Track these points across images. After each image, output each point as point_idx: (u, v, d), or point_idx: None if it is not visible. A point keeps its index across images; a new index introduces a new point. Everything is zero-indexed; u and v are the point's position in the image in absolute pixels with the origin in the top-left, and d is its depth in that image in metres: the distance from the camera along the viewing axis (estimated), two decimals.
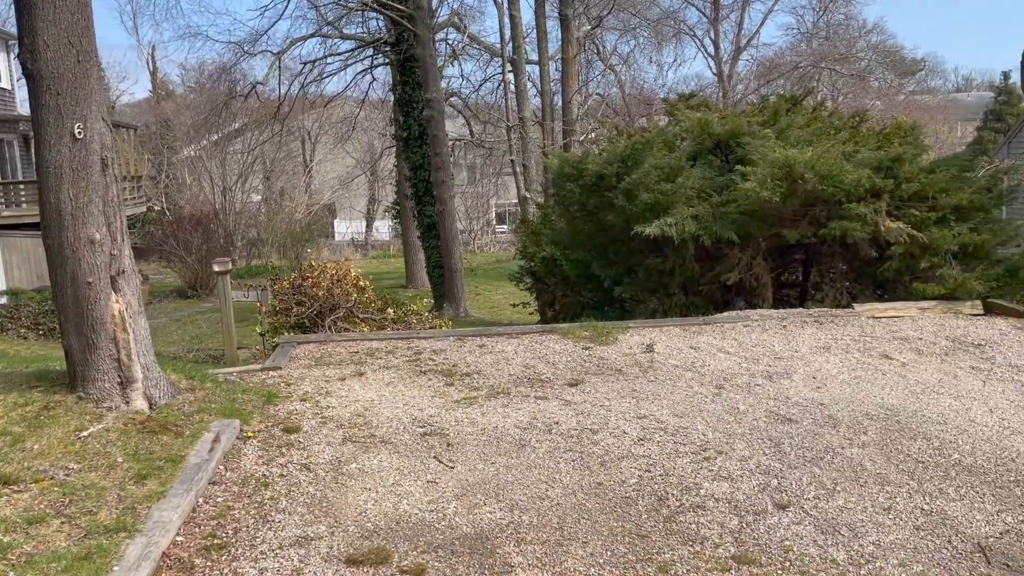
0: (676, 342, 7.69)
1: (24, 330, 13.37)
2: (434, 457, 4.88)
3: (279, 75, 23.76)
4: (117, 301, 5.04)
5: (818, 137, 10.06)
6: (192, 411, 5.21)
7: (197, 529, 3.95)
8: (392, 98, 23.05)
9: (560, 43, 22.58)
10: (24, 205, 25.53)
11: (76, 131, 4.79)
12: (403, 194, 25.22)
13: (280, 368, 6.93)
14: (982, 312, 8.50)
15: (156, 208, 38.93)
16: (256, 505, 4.22)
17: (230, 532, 3.92)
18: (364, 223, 49.96)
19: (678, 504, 4.21)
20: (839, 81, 39.65)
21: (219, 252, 30.13)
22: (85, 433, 4.66)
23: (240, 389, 6.02)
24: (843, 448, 4.93)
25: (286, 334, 8.33)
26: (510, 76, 21.36)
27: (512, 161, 20.97)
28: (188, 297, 26.57)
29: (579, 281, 11.69)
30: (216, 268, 8.18)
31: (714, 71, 40.05)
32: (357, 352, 7.52)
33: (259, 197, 42.86)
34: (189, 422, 5.05)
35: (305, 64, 22.39)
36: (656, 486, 4.43)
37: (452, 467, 4.72)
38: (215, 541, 3.82)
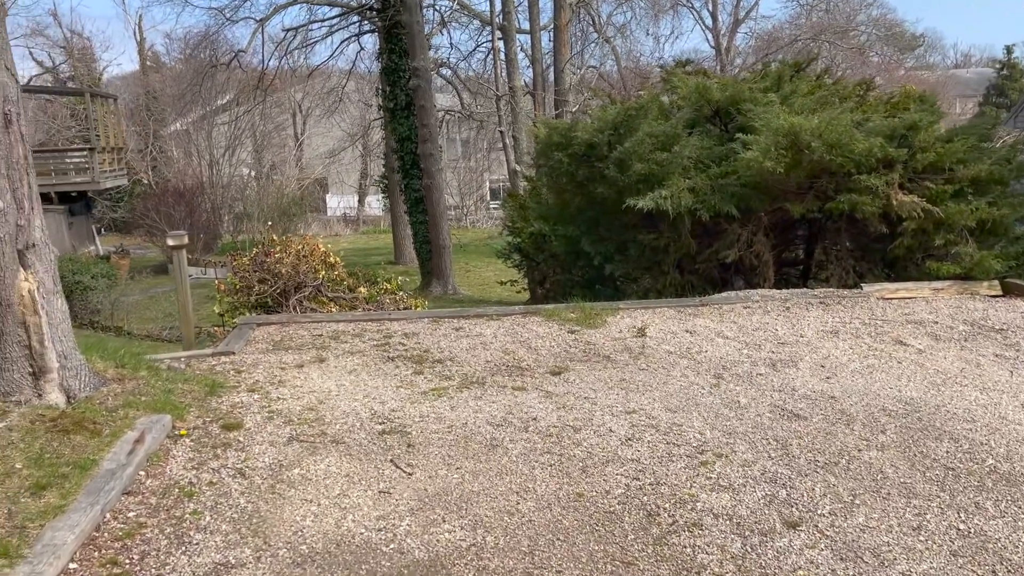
0: (670, 325, 7.05)
1: None
2: (391, 460, 4.25)
3: (262, 43, 22.92)
4: (26, 279, 4.36)
5: (822, 106, 9.37)
6: (117, 405, 4.56)
7: (97, 553, 3.31)
8: (379, 67, 22.20)
9: (553, 11, 21.74)
10: None
11: None
12: (390, 168, 24.44)
13: (233, 353, 6.27)
14: (1000, 293, 7.88)
15: (144, 181, 38.03)
16: (174, 522, 3.58)
17: (136, 557, 3.28)
18: (356, 198, 49.09)
19: (671, 521, 3.59)
20: (839, 55, 38.78)
21: (204, 226, 29.35)
22: None
23: (181, 378, 5.36)
24: (860, 451, 4.31)
25: (247, 314, 7.67)
26: (500, 44, 20.51)
27: (502, 133, 20.19)
28: (169, 272, 25.81)
29: (569, 258, 11.04)
30: (170, 242, 7.48)
31: (712, 44, 39.18)
32: (321, 335, 6.87)
33: (248, 171, 41.95)
34: (111, 419, 4.40)
35: (287, 31, 21.50)
36: (646, 498, 3.81)
37: (410, 473, 4.09)
38: (115, 570, 3.19)
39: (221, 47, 27.31)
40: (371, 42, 25.13)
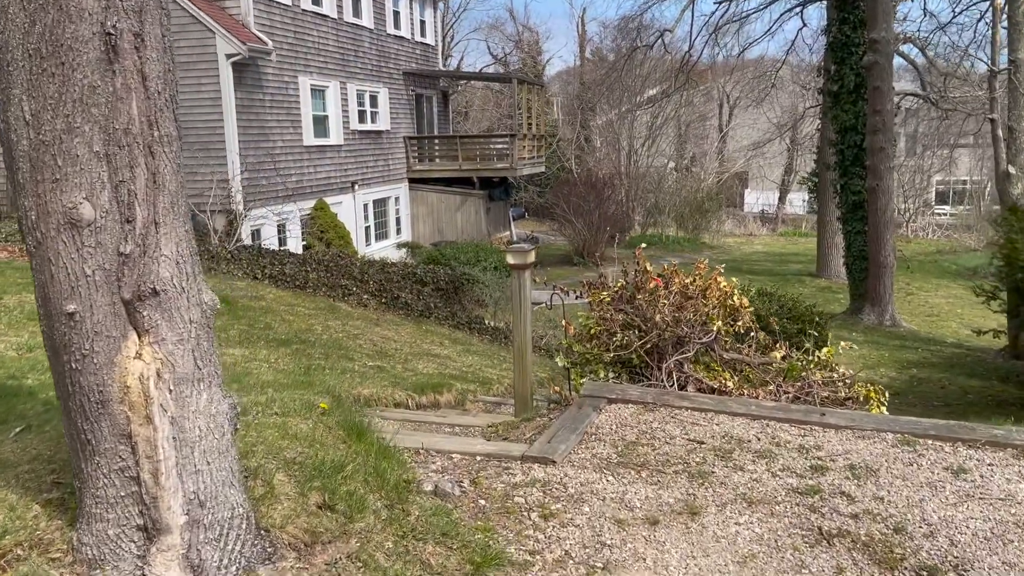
0: None
1: (366, 296, 12.17)
2: None
3: (691, 20, 20.53)
4: (138, 355, 2.29)
5: None
6: None
7: None
8: (823, 43, 18.43)
9: None
10: (437, 160, 26.14)
11: None
12: (823, 163, 20.45)
13: (553, 462, 3.82)
14: None
15: (567, 168, 38.62)
16: None
17: None
18: (777, 195, 45.01)
19: None
20: None
21: (611, 218, 28.20)
22: None
23: (437, 530, 3.00)
24: None
25: (600, 374, 5.18)
26: (1000, 1, 15.46)
27: (992, 121, 15.16)
28: (572, 264, 25.01)
29: None
30: (510, 260, 5.33)
31: None
32: (702, 443, 4.08)
33: (666, 161, 40.49)
34: None
35: (719, 3, 18.74)
36: None
37: None
38: None
39: (650, 29, 25.69)
40: (815, 16, 21.27)
